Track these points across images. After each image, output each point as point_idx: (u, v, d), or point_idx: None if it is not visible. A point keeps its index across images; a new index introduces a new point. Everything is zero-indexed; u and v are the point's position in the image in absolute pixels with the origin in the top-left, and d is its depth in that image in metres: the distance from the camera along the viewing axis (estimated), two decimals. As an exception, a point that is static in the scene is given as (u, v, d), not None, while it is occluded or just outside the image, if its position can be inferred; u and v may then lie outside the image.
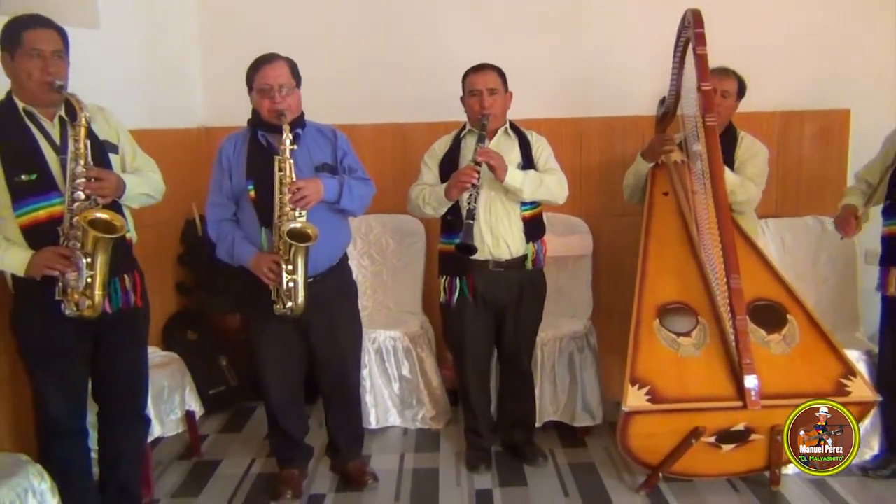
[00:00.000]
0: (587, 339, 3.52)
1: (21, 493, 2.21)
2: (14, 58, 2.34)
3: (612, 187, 3.79)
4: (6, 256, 2.32)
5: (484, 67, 3.00)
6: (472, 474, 3.17)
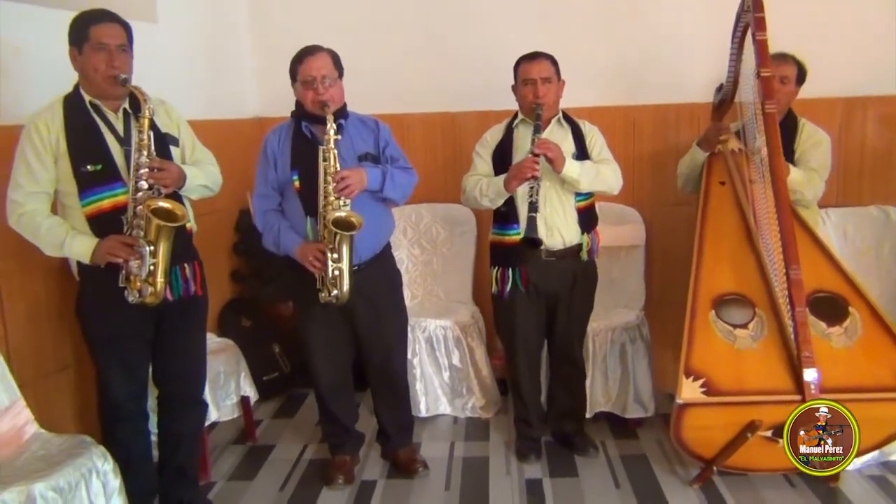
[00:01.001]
0: (639, 329, 3.48)
1: (85, 473, 2.27)
2: (81, 52, 2.40)
3: (665, 177, 3.73)
4: (73, 244, 2.39)
5: (537, 56, 2.97)
6: (521, 464, 3.17)
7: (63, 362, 2.84)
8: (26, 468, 2.27)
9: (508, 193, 2.92)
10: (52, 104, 2.44)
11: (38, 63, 2.68)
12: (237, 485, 3.09)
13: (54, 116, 2.40)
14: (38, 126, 2.38)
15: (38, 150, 2.37)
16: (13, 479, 2.16)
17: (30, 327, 2.69)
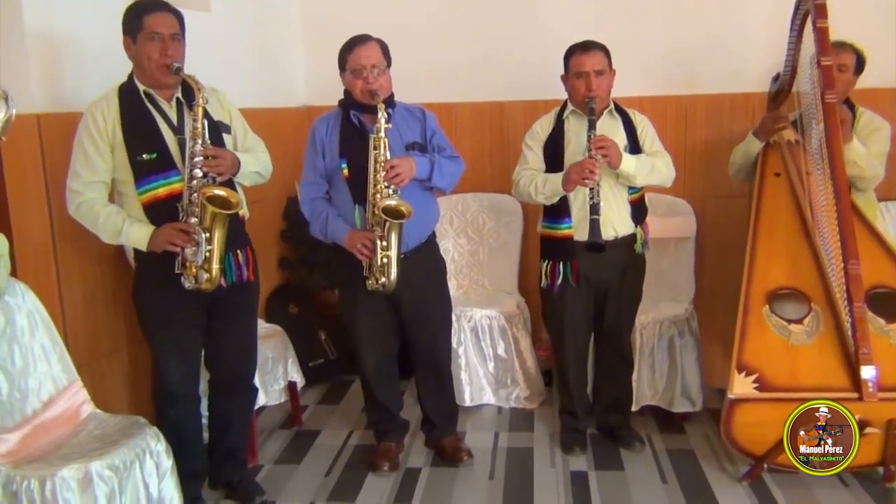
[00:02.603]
0: (688, 323, 3.43)
1: (140, 454, 2.32)
2: (135, 41, 2.44)
3: (717, 168, 3.64)
4: (130, 232, 2.44)
5: (591, 47, 2.90)
6: (566, 456, 3.15)
7: (117, 344, 2.91)
8: (83, 446, 2.33)
9: (566, 193, 2.88)
10: (107, 94, 2.48)
11: (94, 51, 2.73)
12: (284, 468, 3.13)
13: (110, 106, 2.45)
14: (94, 116, 2.43)
15: (96, 139, 2.42)
16: (72, 457, 2.23)
17: (86, 310, 2.76)
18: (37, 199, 2.57)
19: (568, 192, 2.87)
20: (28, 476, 2.12)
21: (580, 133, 2.91)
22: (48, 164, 2.56)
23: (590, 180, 2.72)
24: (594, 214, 2.72)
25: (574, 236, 2.94)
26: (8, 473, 2.14)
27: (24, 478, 2.12)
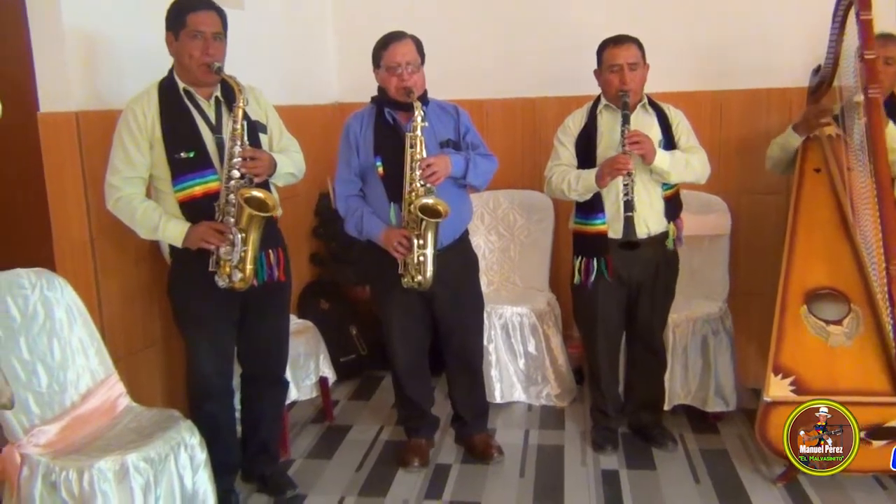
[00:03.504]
0: (722, 321, 3.38)
1: (175, 447, 2.35)
2: (178, 38, 2.46)
3: (753, 164, 3.58)
4: (166, 228, 2.46)
5: (624, 40, 2.87)
6: (598, 454, 3.13)
7: (152, 339, 2.95)
8: (120, 439, 2.37)
9: (599, 189, 2.86)
10: (147, 90, 2.50)
11: (131, 49, 2.75)
12: (315, 463, 3.15)
13: (150, 102, 2.47)
14: (134, 111, 2.45)
15: (135, 135, 2.44)
16: (109, 449, 2.26)
17: (122, 305, 2.80)
18: (75, 196, 2.61)
19: (601, 188, 2.84)
20: (67, 467, 2.16)
21: (613, 128, 2.88)
22: (86, 161, 2.60)
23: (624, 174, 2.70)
24: (628, 211, 2.70)
25: (608, 232, 2.91)
26: (48, 464, 2.18)
27: (63, 469, 2.16)
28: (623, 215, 2.72)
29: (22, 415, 2.23)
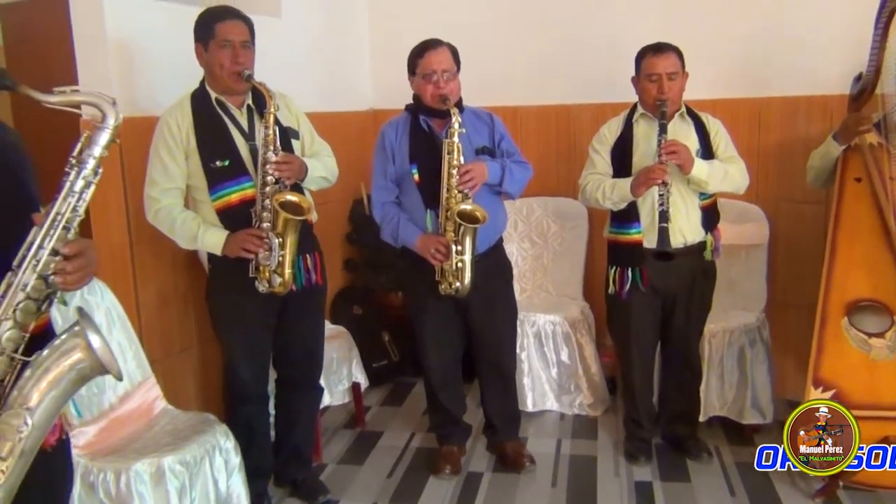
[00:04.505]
0: (759, 332, 3.33)
1: (209, 450, 2.39)
2: (207, 49, 2.49)
3: (792, 172, 3.53)
4: (206, 237, 2.49)
5: (664, 49, 2.84)
6: (631, 465, 3.10)
7: (187, 343, 3.00)
8: (156, 441, 2.41)
9: (634, 199, 2.83)
10: (181, 101, 2.54)
11: (167, 58, 2.80)
12: (347, 468, 3.17)
13: (184, 114, 2.50)
14: (169, 124, 2.49)
15: (171, 147, 2.48)
16: (145, 451, 2.30)
17: (159, 309, 2.85)
18: (115, 202, 2.66)
19: (637, 197, 2.82)
20: (105, 468, 2.21)
21: (650, 137, 2.85)
22: (126, 166, 2.65)
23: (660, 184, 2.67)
24: (663, 222, 2.67)
25: (643, 242, 2.88)
26: (86, 465, 2.23)
27: (100, 470, 2.21)
28: (658, 226, 2.69)
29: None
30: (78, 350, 1.34)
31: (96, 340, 1.34)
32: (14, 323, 1.32)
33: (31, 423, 1.30)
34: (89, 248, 1.40)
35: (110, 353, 1.37)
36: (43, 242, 1.34)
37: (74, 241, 1.37)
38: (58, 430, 1.50)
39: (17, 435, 1.29)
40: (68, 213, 1.36)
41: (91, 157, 1.39)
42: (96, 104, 1.39)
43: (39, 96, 1.35)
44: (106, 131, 1.40)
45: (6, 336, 1.32)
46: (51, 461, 1.46)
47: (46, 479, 1.47)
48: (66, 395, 1.36)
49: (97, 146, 1.40)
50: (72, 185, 1.37)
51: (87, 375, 1.37)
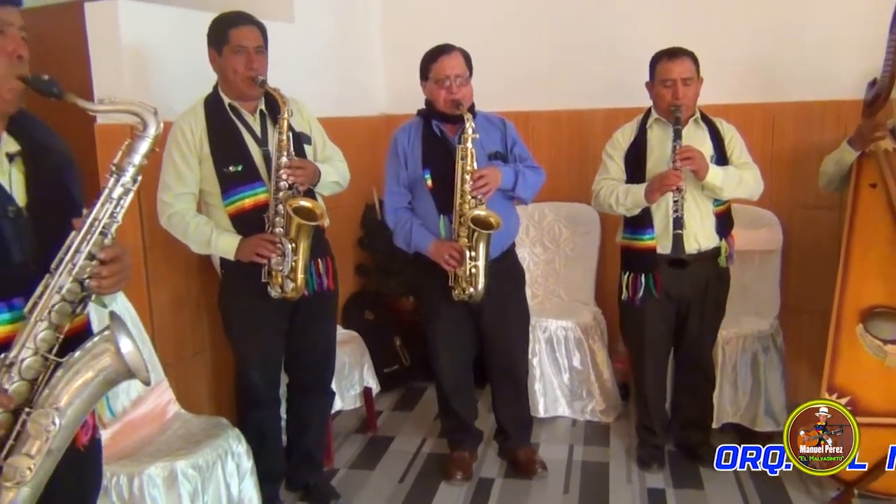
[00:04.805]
0: (773, 339, 3.30)
1: (222, 454, 2.40)
2: (221, 54, 2.50)
3: (805, 178, 3.50)
4: (219, 242, 2.50)
5: (679, 54, 2.82)
6: (643, 472, 3.08)
7: (199, 347, 3.01)
8: (169, 445, 2.42)
9: (648, 205, 2.82)
10: (194, 106, 2.55)
11: (180, 63, 2.81)
12: (358, 473, 3.17)
13: (197, 119, 2.51)
14: (182, 129, 2.50)
15: (184, 152, 2.49)
16: (158, 455, 2.31)
17: (172, 313, 2.86)
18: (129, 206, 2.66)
19: (651, 203, 2.81)
20: (118, 472, 2.21)
21: (664, 142, 2.84)
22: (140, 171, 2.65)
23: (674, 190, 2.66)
24: (677, 229, 2.65)
25: (657, 248, 2.87)
26: (99, 469, 2.23)
27: (114, 473, 2.21)
28: (672, 232, 2.67)
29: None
30: (107, 354, 1.38)
31: (127, 345, 1.37)
32: (49, 324, 1.35)
33: (60, 422, 1.33)
34: (125, 254, 1.43)
35: (141, 357, 1.40)
36: (80, 247, 1.37)
37: (111, 247, 1.40)
38: (91, 429, 1.53)
39: (45, 434, 1.32)
40: (106, 218, 1.39)
41: (131, 164, 1.42)
42: (139, 113, 1.42)
43: (86, 105, 1.40)
44: (147, 140, 1.43)
45: (40, 336, 1.35)
46: (82, 460, 1.50)
47: (77, 479, 1.51)
48: (95, 397, 1.40)
49: (137, 154, 1.42)
50: (110, 192, 1.40)
51: (114, 379, 1.40)
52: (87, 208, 1.40)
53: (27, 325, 1.35)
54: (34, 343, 1.35)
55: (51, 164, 1.48)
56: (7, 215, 1.38)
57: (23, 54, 1.39)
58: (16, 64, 1.38)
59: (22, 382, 1.34)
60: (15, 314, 1.37)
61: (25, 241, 1.39)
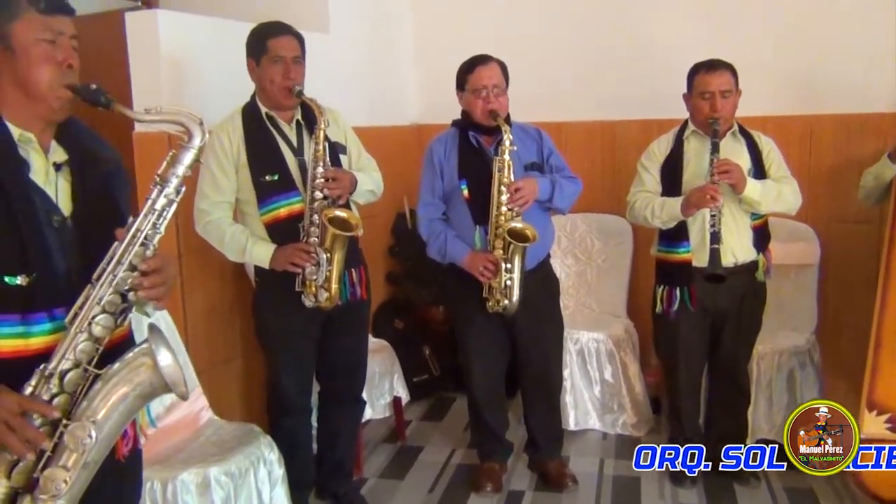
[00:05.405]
0: (810, 354, 3.25)
1: (254, 461, 2.40)
2: (259, 64, 2.53)
3: (844, 191, 3.44)
4: (254, 250, 2.52)
5: (717, 66, 2.79)
6: (676, 488, 3.03)
7: (232, 353, 3.03)
8: (202, 451, 2.43)
9: (685, 218, 2.79)
10: (232, 115, 2.58)
11: (218, 73, 2.85)
12: (388, 483, 3.16)
13: (235, 128, 2.53)
14: (220, 137, 2.52)
15: (222, 160, 2.52)
16: (191, 461, 2.32)
17: (205, 320, 2.88)
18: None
19: (687, 217, 2.78)
20: (151, 477, 2.23)
21: (701, 155, 2.81)
22: (176, 179, 2.69)
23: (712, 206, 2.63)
24: (714, 243, 2.62)
25: (692, 261, 2.84)
26: (134, 474, 2.25)
27: (147, 479, 2.22)
28: (709, 247, 2.64)
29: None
30: (145, 367, 1.36)
31: (166, 358, 1.35)
32: (89, 335, 1.35)
33: (97, 436, 1.31)
34: (168, 265, 1.42)
35: (180, 371, 1.38)
36: (122, 258, 1.36)
37: (153, 258, 1.39)
38: (132, 440, 1.53)
39: (81, 447, 1.30)
40: (148, 229, 1.38)
41: (175, 175, 1.41)
42: (184, 123, 1.41)
43: (133, 115, 1.40)
44: (192, 151, 1.42)
45: (80, 348, 1.34)
46: (122, 472, 1.49)
47: (115, 490, 1.50)
48: (133, 410, 1.38)
49: (182, 165, 1.42)
50: (153, 203, 1.39)
51: (151, 393, 1.39)
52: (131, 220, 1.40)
53: (67, 335, 1.34)
54: (74, 354, 1.34)
55: (98, 174, 1.48)
56: (52, 224, 1.38)
57: (73, 63, 1.39)
58: (66, 73, 1.38)
59: (62, 394, 1.33)
60: (56, 324, 1.37)
61: (69, 251, 1.39)
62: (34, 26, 1.36)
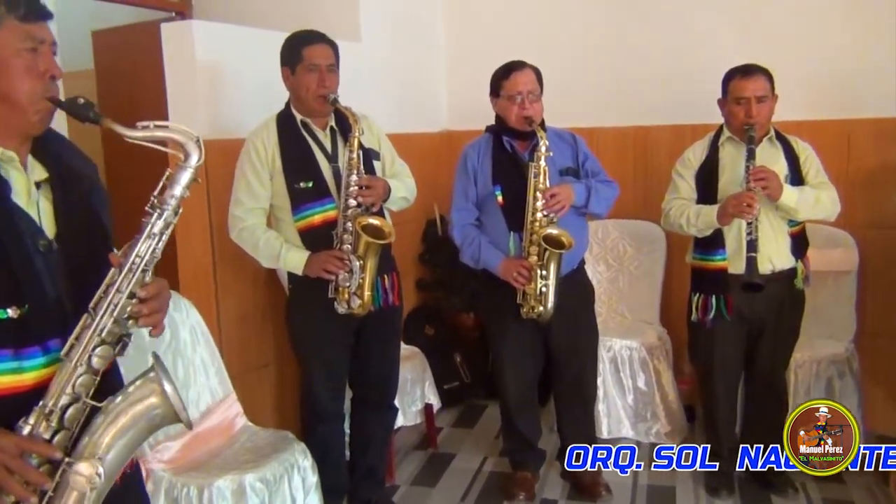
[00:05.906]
0: (849, 363, 3.19)
1: (288, 468, 2.41)
2: (294, 72, 2.54)
3: (882, 197, 3.40)
4: (287, 256, 2.54)
5: (753, 71, 2.75)
6: (712, 498, 2.99)
7: (265, 360, 3.04)
8: (237, 458, 2.44)
9: (721, 226, 2.76)
10: (266, 123, 2.60)
11: (252, 81, 2.88)
12: (420, 490, 3.16)
13: (270, 135, 2.55)
14: (255, 144, 2.54)
15: (256, 167, 2.54)
16: (227, 468, 2.34)
17: (239, 326, 2.90)
18: (200, 221, 2.73)
19: (723, 225, 2.74)
20: (188, 484, 2.24)
21: (736, 161, 2.77)
22: (210, 187, 2.71)
23: (748, 214, 2.59)
24: (751, 252, 2.58)
25: (729, 269, 2.80)
26: (170, 480, 2.27)
27: (184, 485, 2.24)
28: (746, 255, 2.60)
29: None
30: (152, 396, 1.31)
31: (170, 388, 1.30)
32: (87, 367, 1.27)
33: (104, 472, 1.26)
34: (164, 289, 1.36)
35: (180, 400, 1.32)
36: (121, 286, 1.29)
37: (151, 283, 1.32)
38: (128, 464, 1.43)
39: (87, 487, 1.24)
40: (148, 255, 1.31)
41: (172, 197, 1.33)
42: (180, 142, 1.32)
43: (123, 130, 1.29)
44: (188, 171, 1.33)
45: (79, 382, 1.27)
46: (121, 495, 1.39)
47: None
48: (136, 443, 1.33)
49: (179, 186, 1.33)
50: (152, 228, 1.32)
51: (158, 423, 1.33)
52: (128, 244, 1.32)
53: (65, 369, 1.26)
54: (72, 389, 1.26)
55: (79, 190, 1.38)
56: (38, 249, 1.28)
57: (56, 74, 1.30)
58: (48, 84, 1.29)
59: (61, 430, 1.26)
60: (50, 357, 1.28)
61: (58, 277, 1.30)
62: (15, 35, 1.25)
